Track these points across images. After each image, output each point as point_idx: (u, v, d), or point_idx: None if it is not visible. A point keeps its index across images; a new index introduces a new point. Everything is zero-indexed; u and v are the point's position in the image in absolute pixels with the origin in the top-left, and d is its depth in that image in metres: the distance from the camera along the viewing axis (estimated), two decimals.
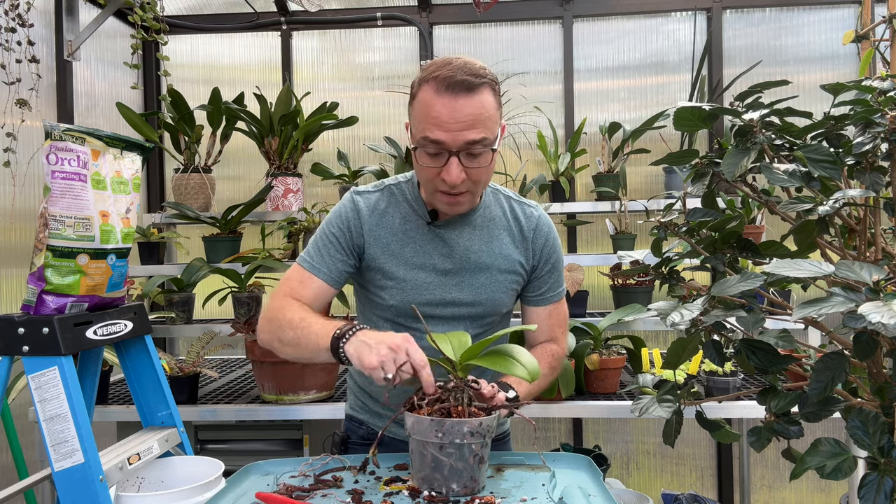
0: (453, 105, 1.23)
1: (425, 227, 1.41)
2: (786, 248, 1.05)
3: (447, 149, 1.26)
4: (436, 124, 1.25)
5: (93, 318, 1.55)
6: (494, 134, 1.29)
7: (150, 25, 2.68)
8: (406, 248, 1.41)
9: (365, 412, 1.55)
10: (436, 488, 1.13)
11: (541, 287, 1.48)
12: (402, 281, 1.40)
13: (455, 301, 1.42)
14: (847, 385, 1.07)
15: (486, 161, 1.29)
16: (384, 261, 1.41)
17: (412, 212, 1.43)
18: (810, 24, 3.23)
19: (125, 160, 1.62)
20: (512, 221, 1.45)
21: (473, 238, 1.42)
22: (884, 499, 0.83)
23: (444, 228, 1.41)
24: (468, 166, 1.27)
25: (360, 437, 1.54)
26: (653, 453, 3.32)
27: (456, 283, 1.41)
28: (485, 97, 1.26)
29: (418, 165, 1.32)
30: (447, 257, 1.41)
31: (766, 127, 1.00)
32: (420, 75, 1.30)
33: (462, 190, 1.30)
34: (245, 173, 3.46)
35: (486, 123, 1.26)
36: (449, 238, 1.41)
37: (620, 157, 2.87)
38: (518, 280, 1.46)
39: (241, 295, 2.64)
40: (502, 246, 1.43)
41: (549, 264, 1.47)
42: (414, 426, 1.13)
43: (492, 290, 1.42)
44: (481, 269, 1.42)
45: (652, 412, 1.07)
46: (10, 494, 1.48)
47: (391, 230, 1.42)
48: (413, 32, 3.36)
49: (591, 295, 2.69)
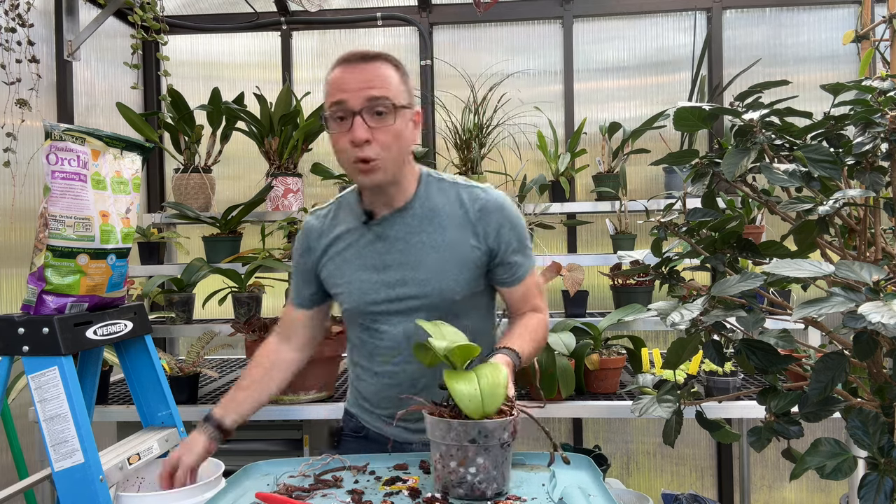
0: (352, 69, 1.33)
1: (364, 229, 1.46)
2: (786, 248, 1.05)
3: (350, 108, 1.31)
4: (338, 88, 1.32)
5: (93, 318, 1.55)
6: (399, 100, 1.34)
7: (150, 25, 2.68)
8: (348, 251, 1.47)
9: (356, 406, 1.60)
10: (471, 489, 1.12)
11: (511, 268, 1.47)
12: (349, 284, 1.46)
13: (403, 296, 1.44)
14: (847, 385, 1.07)
15: (391, 122, 1.32)
16: (332, 269, 1.49)
17: (353, 217, 1.48)
18: (810, 24, 3.23)
19: (125, 160, 1.62)
20: (458, 207, 1.44)
21: (413, 231, 1.43)
22: (884, 499, 0.83)
23: (380, 226, 1.44)
24: (373, 126, 1.31)
25: (351, 430, 1.60)
26: (653, 453, 3.32)
27: (399, 277, 1.43)
28: (382, 66, 1.34)
29: (334, 140, 1.35)
30: (386, 254, 1.44)
31: (766, 127, 1.00)
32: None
33: (371, 154, 1.32)
34: (245, 173, 3.46)
35: (386, 85, 1.32)
36: (386, 235, 1.44)
37: (620, 157, 2.87)
38: (470, 265, 1.43)
39: (241, 295, 2.64)
40: (445, 234, 1.42)
41: (512, 244, 1.45)
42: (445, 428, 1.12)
43: (438, 279, 1.42)
44: (424, 261, 1.42)
45: (652, 412, 1.07)
46: (10, 494, 1.48)
47: (336, 239, 1.49)
48: (413, 32, 3.35)
49: (591, 295, 2.69)
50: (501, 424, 1.10)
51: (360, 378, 1.57)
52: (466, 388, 1.09)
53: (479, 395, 1.09)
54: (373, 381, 1.52)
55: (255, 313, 2.64)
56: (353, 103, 1.31)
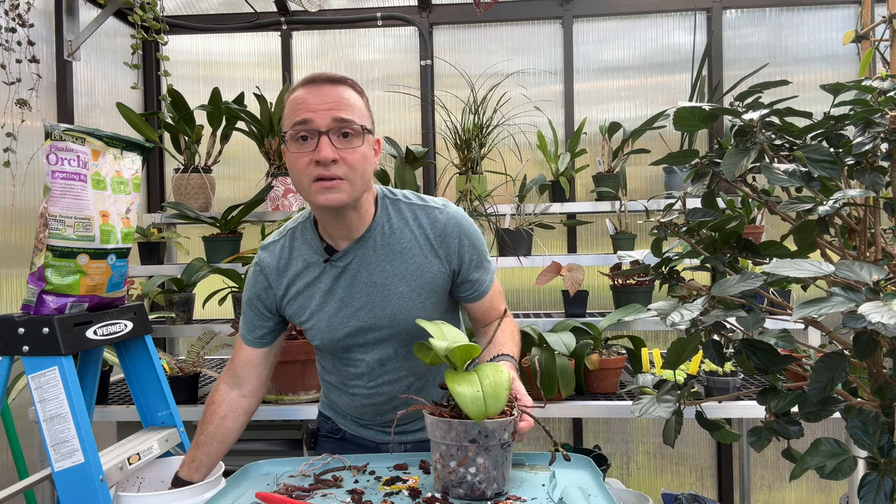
0: (318, 90, 1.30)
1: (326, 265, 1.40)
2: (786, 248, 1.05)
3: (316, 128, 1.27)
4: (303, 108, 1.28)
5: (93, 318, 1.55)
6: (366, 123, 1.32)
7: (150, 25, 2.68)
8: (312, 288, 1.41)
9: (330, 410, 1.62)
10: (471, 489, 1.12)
11: (472, 285, 1.45)
12: (318, 321, 1.42)
13: (373, 327, 1.41)
14: (847, 385, 1.07)
15: (358, 144, 1.29)
16: (296, 307, 1.43)
17: (311, 251, 1.42)
18: (810, 24, 3.23)
19: (125, 160, 1.62)
20: (418, 232, 1.40)
21: (376, 261, 1.39)
22: (884, 499, 0.83)
23: (341, 260, 1.39)
24: (340, 147, 1.28)
25: (327, 431, 1.62)
26: (653, 453, 3.32)
27: (368, 310, 1.39)
28: (348, 91, 1.32)
29: (294, 159, 1.30)
30: (352, 287, 1.39)
31: (766, 127, 1.00)
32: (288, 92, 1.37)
33: (337, 173, 1.27)
34: (245, 173, 3.46)
35: (353, 108, 1.30)
36: (350, 269, 1.39)
37: (620, 157, 2.87)
38: (437, 290, 1.42)
39: (241, 295, 2.64)
40: (408, 262, 1.39)
41: (473, 261, 1.43)
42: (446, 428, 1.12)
43: (407, 308, 1.39)
44: (390, 291, 1.39)
45: (652, 412, 1.07)
46: (10, 494, 1.48)
47: (296, 276, 1.42)
48: (413, 32, 3.35)
49: (591, 295, 2.69)
50: (502, 425, 1.10)
51: (333, 392, 1.56)
52: (469, 390, 1.09)
53: (482, 397, 1.08)
54: (348, 400, 1.52)
55: None
56: (319, 123, 1.27)
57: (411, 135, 3.36)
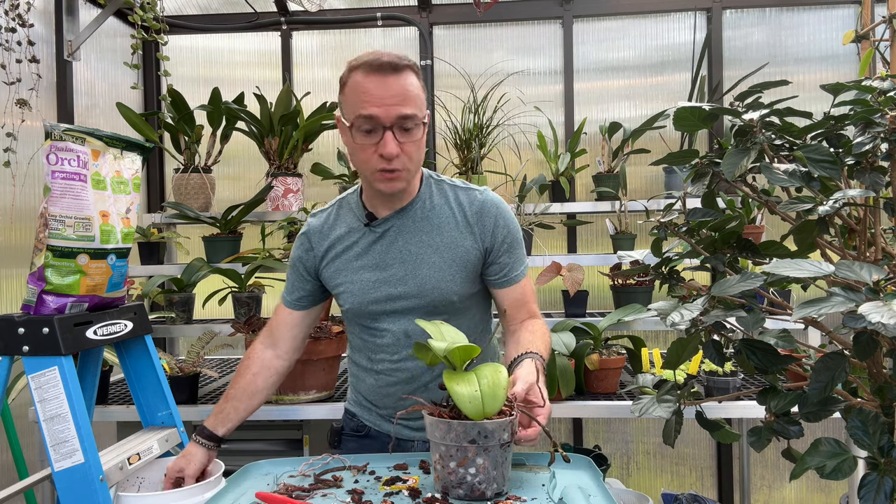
0: (383, 82, 1.31)
1: (365, 230, 1.47)
2: (786, 248, 1.05)
3: (381, 123, 1.31)
4: (369, 101, 1.31)
5: (93, 318, 1.55)
6: (423, 113, 1.36)
7: (150, 25, 2.68)
8: (349, 252, 1.49)
9: (356, 405, 1.62)
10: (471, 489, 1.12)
11: (503, 268, 1.49)
12: (350, 284, 1.47)
13: (402, 295, 1.46)
14: (847, 385, 1.07)
15: (418, 136, 1.36)
16: (333, 270, 1.50)
17: (354, 218, 1.50)
18: (810, 24, 3.23)
19: (125, 160, 1.62)
20: (456, 209, 1.47)
21: (413, 231, 1.46)
22: (884, 499, 0.83)
23: (380, 226, 1.46)
24: (402, 141, 1.33)
25: (351, 429, 1.62)
26: (653, 453, 3.32)
27: (400, 277, 1.45)
28: (411, 77, 1.34)
29: (355, 147, 1.36)
30: (386, 254, 1.46)
31: (766, 127, 1.00)
32: (346, 68, 1.37)
33: (398, 167, 1.34)
34: (245, 173, 3.46)
35: (415, 101, 1.34)
36: (388, 235, 1.46)
37: (620, 157, 2.87)
38: (468, 266, 1.46)
39: (241, 295, 2.64)
40: (444, 235, 1.45)
41: (505, 244, 1.48)
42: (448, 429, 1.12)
43: (437, 279, 1.44)
44: (423, 261, 1.45)
45: (652, 412, 1.07)
46: (10, 494, 1.48)
47: (337, 240, 1.50)
48: (413, 32, 3.35)
49: (591, 295, 2.69)
50: (501, 425, 1.10)
51: (360, 378, 1.59)
52: (467, 389, 1.09)
53: (479, 397, 1.09)
54: (373, 380, 1.54)
55: (255, 313, 2.64)
56: (384, 120, 1.31)
57: None
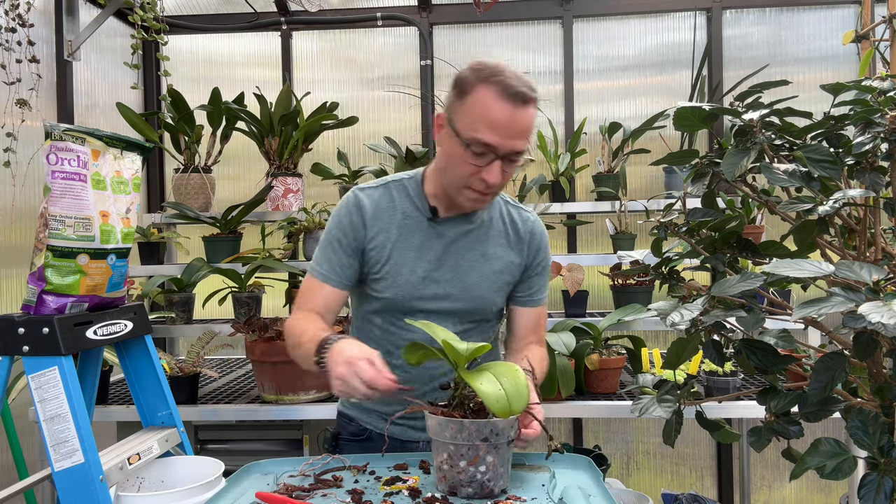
0: (513, 114, 1.30)
1: (425, 223, 1.45)
2: (786, 248, 1.05)
3: (494, 152, 1.31)
4: (492, 128, 1.30)
5: (93, 318, 1.55)
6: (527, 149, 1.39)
7: (150, 25, 2.68)
8: (404, 241, 1.44)
9: (354, 409, 1.57)
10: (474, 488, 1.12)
11: (531, 287, 1.53)
12: (398, 275, 1.44)
13: (446, 296, 1.45)
14: (847, 385, 1.07)
15: (518, 165, 1.38)
16: (383, 254, 1.45)
17: (413, 208, 1.46)
18: (810, 24, 3.22)
19: (125, 160, 1.62)
20: (508, 224, 1.51)
21: (470, 237, 1.47)
22: (884, 499, 0.83)
23: (443, 225, 1.45)
24: (504, 170, 1.35)
25: (350, 434, 1.57)
26: (653, 453, 3.32)
27: (449, 278, 1.45)
28: (533, 110, 1.35)
29: (458, 159, 1.34)
30: (444, 253, 1.45)
31: (765, 127, 1.00)
32: (473, 74, 1.33)
33: (490, 191, 1.37)
34: (245, 173, 3.45)
35: (529, 136, 1.36)
36: (447, 234, 1.45)
37: (620, 157, 2.87)
38: (510, 280, 1.50)
39: (241, 295, 2.64)
40: (496, 247, 1.48)
41: (540, 266, 1.54)
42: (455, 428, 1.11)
43: (483, 287, 1.46)
44: (474, 267, 1.46)
45: (652, 412, 1.07)
46: (10, 494, 1.48)
47: (392, 224, 1.45)
48: (413, 32, 3.35)
49: (591, 295, 2.69)
50: (510, 422, 1.12)
51: None
52: (492, 388, 1.07)
53: (505, 396, 1.07)
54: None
55: (255, 313, 2.64)
56: (500, 150, 1.31)
57: (411, 134, 3.36)
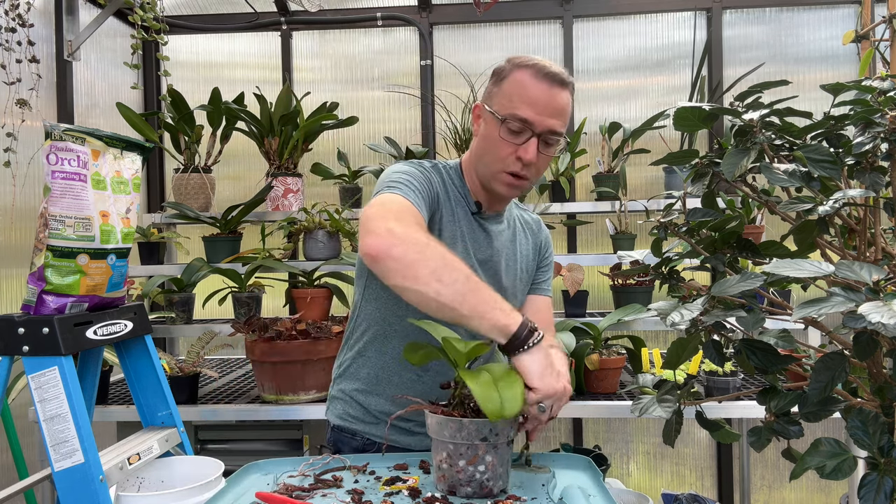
0: (549, 91, 1.33)
1: (470, 215, 1.46)
2: (786, 248, 1.05)
3: (531, 128, 1.33)
4: (529, 104, 1.32)
5: (93, 318, 1.55)
6: (565, 132, 1.39)
7: (150, 25, 2.68)
8: (452, 226, 1.42)
9: (359, 422, 1.48)
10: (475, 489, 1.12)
11: (540, 277, 1.60)
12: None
13: None
14: (847, 385, 1.07)
15: (554, 152, 1.39)
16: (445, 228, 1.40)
17: (460, 196, 1.46)
18: (810, 23, 3.23)
19: (125, 160, 1.62)
20: (524, 224, 1.58)
21: (506, 234, 1.51)
22: (884, 499, 0.83)
23: (486, 221, 1.47)
24: (541, 152, 1.36)
25: (354, 449, 1.47)
26: (653, 453, 3.32)
27: (484, 269, 1.45)
28: (569, 95, 1.38)
29: (496, 140, 1.35)
30: (486, 248, 1.46)
31: (765, 127, 1.00)
32: (509, 63, 1.38)
33: (527, 174, 1.37)
34: (245, 173, 3.46)
35: (566, 119, 1.38)
36: (489, 230, 1.47)
37: (620, 157, 2.87)
38: (531, 273, 1.58)
39: (241, 295, 2.64)
40: (522, 246, 1.54)
41: (547, 261, 1.62)
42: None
43: (512, 288, 1.51)
44: (506, 268, 1.49)
45: (652, 412, 1.07)
46: (10, 494, 1.48)
47: (446, 201, 1.42)
48: (413, 32, 3.35)
49: (591, 295, 2.69)
50: (509, 422, 1.12)
51: (377, 377, 1.45)
52: (486, 389, 1.06)
53: (498, 398, 1.06)
54: (400, 377, 1.43)
55: (255, 313, 2.64)
56: (537, 126, 1.33)
57: (411, 134, 3.36)
